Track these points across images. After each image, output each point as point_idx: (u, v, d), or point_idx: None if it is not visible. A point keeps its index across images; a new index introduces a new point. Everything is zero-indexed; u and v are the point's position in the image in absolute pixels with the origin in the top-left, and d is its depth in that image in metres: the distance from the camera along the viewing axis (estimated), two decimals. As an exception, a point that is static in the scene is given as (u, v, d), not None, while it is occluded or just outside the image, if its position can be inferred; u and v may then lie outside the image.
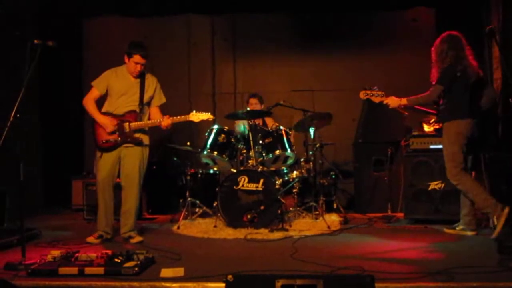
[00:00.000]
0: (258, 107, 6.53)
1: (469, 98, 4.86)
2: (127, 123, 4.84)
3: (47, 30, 6.55)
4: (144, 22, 7.92)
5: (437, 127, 5.39)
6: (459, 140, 4.82)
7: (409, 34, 7.47)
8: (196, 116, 5.02)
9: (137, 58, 4.82)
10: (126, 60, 4.88)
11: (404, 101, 4.95)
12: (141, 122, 4.89)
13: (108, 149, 4.85)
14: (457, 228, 4.99)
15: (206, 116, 5.05)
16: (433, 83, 4.96)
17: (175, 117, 4.95)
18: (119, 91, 4.89)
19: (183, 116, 4.98)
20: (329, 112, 6.04)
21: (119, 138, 4.83)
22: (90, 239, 4.79)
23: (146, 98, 4.96)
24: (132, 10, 7.76)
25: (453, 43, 4.88)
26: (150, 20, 7.91)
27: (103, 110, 4.92)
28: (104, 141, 4.84)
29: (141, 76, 4.96)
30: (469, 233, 4.90)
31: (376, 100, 5.00)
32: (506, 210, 4.57)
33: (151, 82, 5.03)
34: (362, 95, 4.99)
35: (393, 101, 4.98)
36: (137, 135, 4.89)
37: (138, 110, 4.89)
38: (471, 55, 4.89)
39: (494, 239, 4.33)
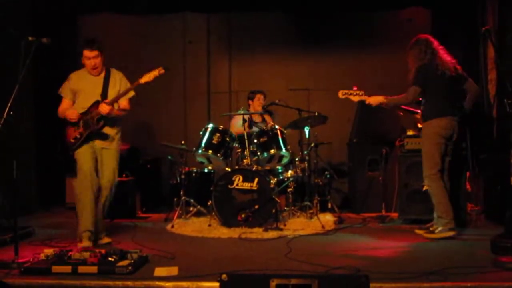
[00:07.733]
0: (263, 102, 6.60)
1: (448, 95, 4.78)
2: (90, 115, 4.64)
3: (41, 27, 6.50)
4: (140, 20, 7.88)
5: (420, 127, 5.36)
6: (436, 140, 4.77)
7: (405, 34, 7.43)
8: (147, 76, 4.67)
9: (85, 53, 4.64)
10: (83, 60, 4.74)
11: (383, 99, 4.94)
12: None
13: (78, 145, 4.64)
14: (436, 232, 4.76)
15: (157, 71, 4.71)
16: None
17: (120, 93, 4.70)
18: (83, 92, 4.74)
19: (131, 85, 4.74)
20: (324, 115, 6.01)
21: (84, 131, 4.62)
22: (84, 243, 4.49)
23: (112, 93, 4.72)
24: (128, 8, 7.71)
25: (427, 43, 4.84)
26: (146, 18, 7.86)
27: None
28: (72, 139, 4.67)
29: (106, 73, 4.78)
30: (450, 233, 4.70)
31: (355, 99, 5.00)
32: (452, 233, 4.66)
33: (117, 78, 4.82)
34: (341, 94, 4.99)
35: (374, 100, 4.97)
36: (100, 123, 4.65)
37: (100, 100, 4.66)
38: (445, 53, 4.84)
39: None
